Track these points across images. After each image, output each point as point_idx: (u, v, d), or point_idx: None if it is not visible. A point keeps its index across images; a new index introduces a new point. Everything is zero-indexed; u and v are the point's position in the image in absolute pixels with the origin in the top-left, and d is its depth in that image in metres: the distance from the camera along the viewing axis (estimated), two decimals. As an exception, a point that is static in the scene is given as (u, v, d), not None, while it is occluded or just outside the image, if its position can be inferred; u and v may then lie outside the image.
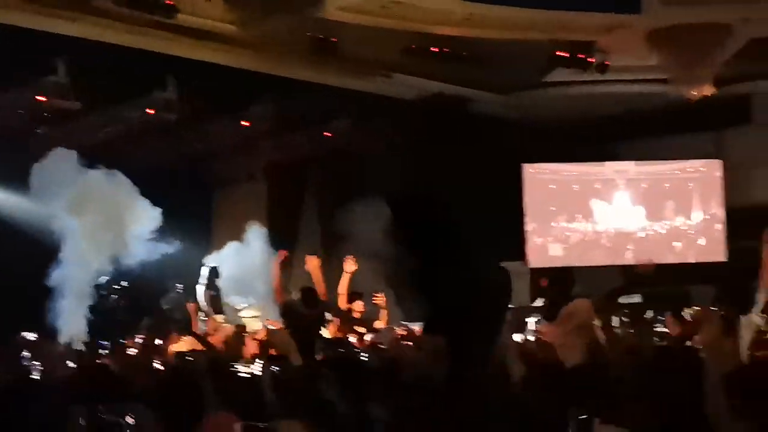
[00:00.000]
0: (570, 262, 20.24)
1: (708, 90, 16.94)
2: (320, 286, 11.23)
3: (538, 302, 15.53)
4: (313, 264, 11.32)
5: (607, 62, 17.25)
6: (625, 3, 15.52)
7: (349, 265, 11.83)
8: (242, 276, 17.90)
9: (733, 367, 5.48)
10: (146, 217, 17.30)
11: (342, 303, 11.98)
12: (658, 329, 13.44)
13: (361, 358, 8.66)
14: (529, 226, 20.72)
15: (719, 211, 20.69)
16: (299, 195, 18.58)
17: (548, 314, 10.72)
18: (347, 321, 12.45)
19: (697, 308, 9.59)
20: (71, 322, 15.96)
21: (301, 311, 10.97)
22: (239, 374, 10.79)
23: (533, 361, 6.43)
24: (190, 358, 10.08)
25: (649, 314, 13.91)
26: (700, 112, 18.41)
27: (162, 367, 10.14)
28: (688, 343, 9.32)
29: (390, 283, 12.70)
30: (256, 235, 18.12)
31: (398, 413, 4.66)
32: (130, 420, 6.07)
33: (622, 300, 18.53)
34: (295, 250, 18.28)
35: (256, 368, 10.86)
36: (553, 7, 15.57)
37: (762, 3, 15.69)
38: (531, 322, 13.47)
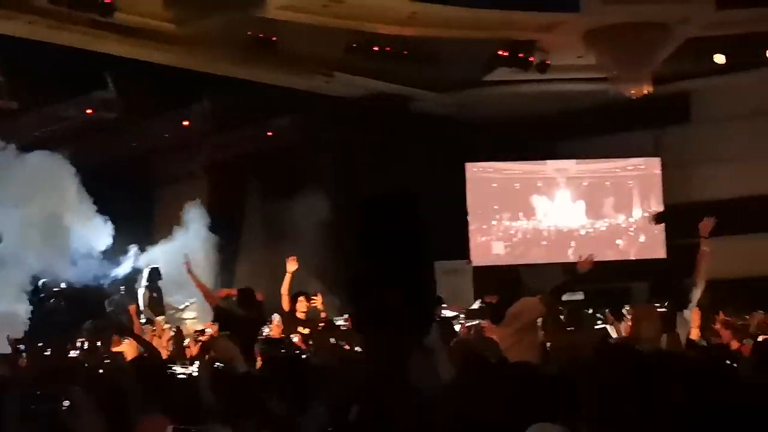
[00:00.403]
0: (513, 260, 20.39)
1: (647, 88, 17.12)
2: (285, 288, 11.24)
3: (476, 305, 15.58)
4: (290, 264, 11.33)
5: (547, 61, 17.37)
6: (565, 2, 15.63)
7: (291, 265, 11.79)
8: (182, 276, 17.77)
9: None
10: (86, 217, 17.09)
11: (285, 303, 11.94)
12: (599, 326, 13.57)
13: (302, 357, 8.62)
14: (473, 224, 20.81)
15: (659, 209, 20.94)
16: (240, 193, 18.44)
17: (493, 316, 10.77)
18: (291, 321, 12.43)
19: (637, 305, 9.66)
20: (8, 323, 15.71)
21: (237, 313, 10.90)
22: (177, 376, 10.68)
23: (471, 360, 6.40)
24: (125, 361, 9.99)
25: (590, 311, 13.98)
26: (640, 110, 18.63)
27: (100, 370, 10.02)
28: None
29: (326, 282, 12.69)
30: (196, 234, 17.99)
31: (337, 413, 4.62)
32: (65, 404, 5.94)
33: (565, 297, 18.80)
34: (237, 248, 18.22)
35: (194, 370, 10.78)
36: (494, 6, 15.63)
37: (699, 3, 15.89)
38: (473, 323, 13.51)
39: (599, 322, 13.73)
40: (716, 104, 20.02)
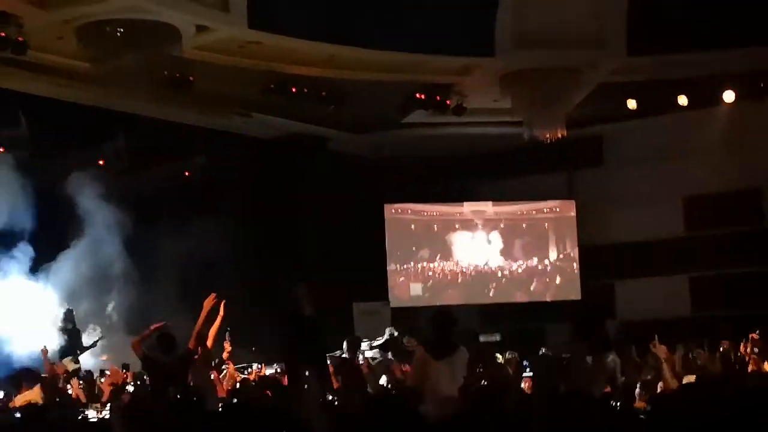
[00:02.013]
0: (430, 301, 20.46)
1: (560, 132, 17.38)
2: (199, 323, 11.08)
3: (378, 340, 15.58)
4: (207, 302, 11.18)
5: (464, 104, 17.57)
6: (479, 46, 15.84)
7: (222, 308, 11.68)
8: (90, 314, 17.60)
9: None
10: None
11: (210, 344, 11.80)
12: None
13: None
14: (391, 265, 20.86)
15: (574, 251, 21.22)
16: (157, 230, 18.20)
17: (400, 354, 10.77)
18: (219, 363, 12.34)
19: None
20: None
21: (162, 360, 10.76)
22: (89, 420, 10.49)
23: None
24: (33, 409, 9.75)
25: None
26: (554, 153, 18.89)
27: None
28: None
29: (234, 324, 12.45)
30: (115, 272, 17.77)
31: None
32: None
33: (482, 339, 18.96)
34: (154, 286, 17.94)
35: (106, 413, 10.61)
36: (412, 50, 15.78)
37: (609, 49, 16.24)
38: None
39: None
40: (628, 147, 20.41)
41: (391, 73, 16.46)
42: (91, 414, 11.41)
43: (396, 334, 16.84)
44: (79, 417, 10.63)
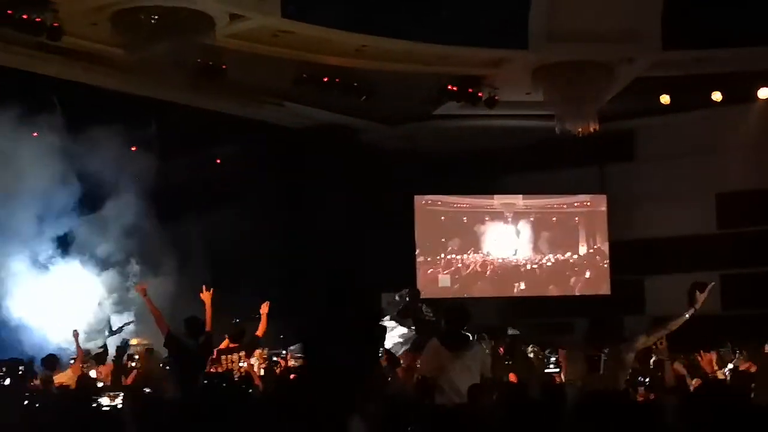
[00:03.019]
0: (458, 293, 20.46)
1: (593, 126, 17.28)
2: (208, 318, 11.14)
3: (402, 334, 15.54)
4: (205, 296, 11.27)
5: (496, 97, 17.50)
6: (513, 38, 15.77)
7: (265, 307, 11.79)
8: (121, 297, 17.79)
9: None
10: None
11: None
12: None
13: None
14: (420, 256, 20.85)
15: (604, 245, 21.12)
16: (186, 217, 18.29)
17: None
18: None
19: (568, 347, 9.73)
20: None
21: (186, 343, 10.83)
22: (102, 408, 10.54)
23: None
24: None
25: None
26: (586, 147, 18.81)
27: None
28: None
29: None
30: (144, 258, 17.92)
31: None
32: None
33: (511, 332, 18.94)
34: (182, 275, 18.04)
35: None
36: (444, 42, 15.73)
37: (645, 44, 16.11)
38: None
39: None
40: (660, 143, 20.29)
41: (423, 64, 16.41)
42: (105, 402, 11.49)
43: (408, 298, 16.72)
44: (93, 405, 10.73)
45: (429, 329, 14.88)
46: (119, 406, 10.33)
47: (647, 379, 10.49)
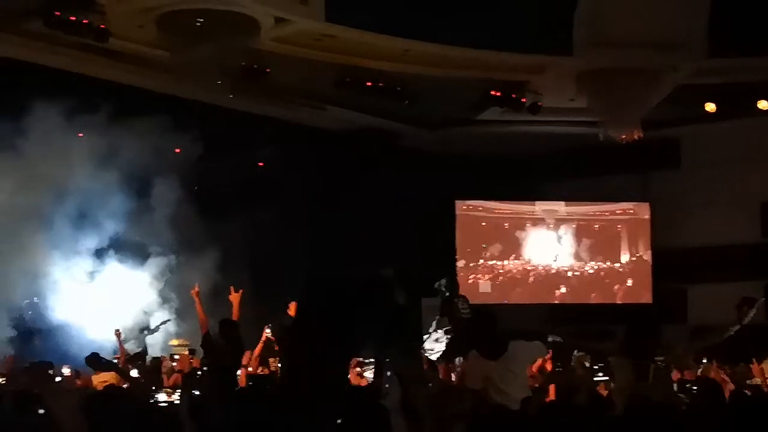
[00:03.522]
0: (498, 299, 20.38)
1: (637, 133, 17.16)
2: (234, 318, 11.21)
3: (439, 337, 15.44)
4: (233, 297, 11.32)
5: (539, 103, 17.43)
6: (557, 44, 15.70)
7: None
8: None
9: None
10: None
11: None
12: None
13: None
14: (460, 262, 20.81)
15: (646, 253, 20.96)
16: (227, 219, 18.39)
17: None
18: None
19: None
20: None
21: (218, 342, 10.90)
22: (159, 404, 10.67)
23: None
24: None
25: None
26: (630, 154, 18.66)
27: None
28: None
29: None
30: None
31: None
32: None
33: (550, 339, 18.80)
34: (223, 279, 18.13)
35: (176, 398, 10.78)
36: (487, 47, 15.70)
37: (691, 51, 15.98)
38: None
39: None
40: (705, 150, 20.10)
41: (466, 69, 16.39)
42: (161, 398, 11.62)
43: (444, 288, 16.65)
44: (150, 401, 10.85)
45: (463, 329, 14.80)
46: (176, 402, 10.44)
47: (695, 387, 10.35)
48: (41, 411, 6.47)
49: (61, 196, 16.86)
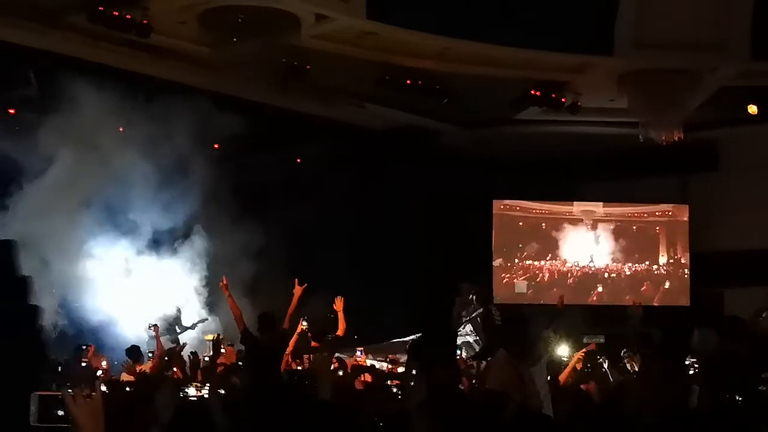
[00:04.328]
0: (534, 299, 20.32)
1: (677, 135, 17.04)
2: (290, 313, 11.33)
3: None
4: (297, 290, 11.46)
5: (579, 103, 17.35)
6: (598, 44, 15.62)
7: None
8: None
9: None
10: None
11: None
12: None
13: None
14: (496, 261, 20.77)
15: (684, 256, 20.81)
16: (265, 215, 18.46)
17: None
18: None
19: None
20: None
21: (256, 337, 10.97)
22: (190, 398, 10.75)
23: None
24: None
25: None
26: (669, 156, 18.54)
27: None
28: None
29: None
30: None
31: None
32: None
33: (586, 339, 18.78)
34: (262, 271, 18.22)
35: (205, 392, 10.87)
36: (528, 46, 15.66)
37: (731, 53, 15.85)
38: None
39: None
40: (745, 153, 19.95)
41: (506, 68, 16.34)
42: (192, 392, 11.69)
43: (474, 299, 16.62)
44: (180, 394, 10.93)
45: (500, 336, 14.76)
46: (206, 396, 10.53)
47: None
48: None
49: (101, 192, 16.94)
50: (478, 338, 15.09)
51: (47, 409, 4.95)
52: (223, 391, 10.12)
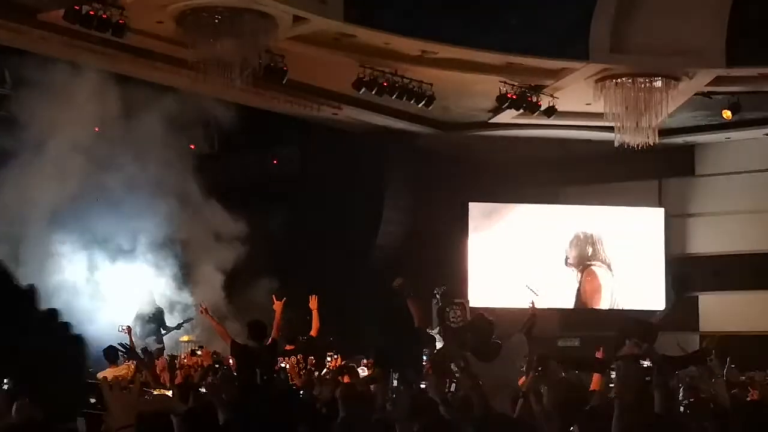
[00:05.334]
0: (510, 303, 20.29)
1: (652, 139, 17.13)
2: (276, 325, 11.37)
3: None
4: (277, 305, 11.47)
5: (555, 106, 17.41)
6: (575, 49, 15.69)
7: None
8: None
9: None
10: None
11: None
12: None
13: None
14: (471, 264, 20.73)
15: (660, 260, 20.87)
16: (243, 218, 18.42)
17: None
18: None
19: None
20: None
21: (251, 346, 10.98)
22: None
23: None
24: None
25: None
26: (644, 160, 18.63)
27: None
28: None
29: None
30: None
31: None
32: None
33: (560, 343, 18.84)
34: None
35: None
36: (505, 50, 15.70)
37: (706, 59, 15.96)
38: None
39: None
40: (721, 158, 20.08)
41: (483, 72, 16.38)
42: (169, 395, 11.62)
43: (439, 296, 16.58)
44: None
45: (452, 337, 14.80)
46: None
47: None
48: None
49: (71, 193, 16.85)
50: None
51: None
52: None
